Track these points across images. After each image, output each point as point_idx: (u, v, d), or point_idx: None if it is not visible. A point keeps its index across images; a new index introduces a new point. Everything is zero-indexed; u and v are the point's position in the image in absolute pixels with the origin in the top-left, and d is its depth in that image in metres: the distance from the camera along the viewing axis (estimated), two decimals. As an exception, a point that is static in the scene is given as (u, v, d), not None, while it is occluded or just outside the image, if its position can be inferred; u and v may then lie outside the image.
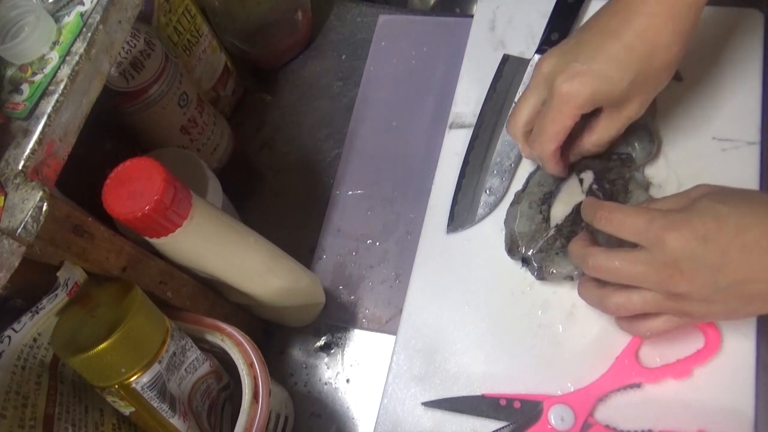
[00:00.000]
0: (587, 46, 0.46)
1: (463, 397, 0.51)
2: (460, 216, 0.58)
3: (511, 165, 0.58)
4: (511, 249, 0.55)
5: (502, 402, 0.50)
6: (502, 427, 0.50)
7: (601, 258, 0.44)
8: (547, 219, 0.54)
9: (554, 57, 0.48)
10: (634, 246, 0.43)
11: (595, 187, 0.53)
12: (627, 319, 0.47)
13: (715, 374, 0.48)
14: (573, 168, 0.54)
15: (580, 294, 0.49)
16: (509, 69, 0.62)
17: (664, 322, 0.45)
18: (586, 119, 0.49)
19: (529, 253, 0.53)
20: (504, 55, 0.63)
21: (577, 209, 0.53)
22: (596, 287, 0.46)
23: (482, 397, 0.51)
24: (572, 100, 0.46)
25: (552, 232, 0.53)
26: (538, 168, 0.57)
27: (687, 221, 0.41)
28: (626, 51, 0.44)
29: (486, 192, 0.58)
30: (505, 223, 0.56)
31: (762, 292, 0.40)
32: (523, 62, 0.62)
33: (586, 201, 0.49)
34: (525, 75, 0.61)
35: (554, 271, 0.52)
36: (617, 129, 0.49)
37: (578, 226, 0.52)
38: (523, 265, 0.54)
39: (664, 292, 0.42)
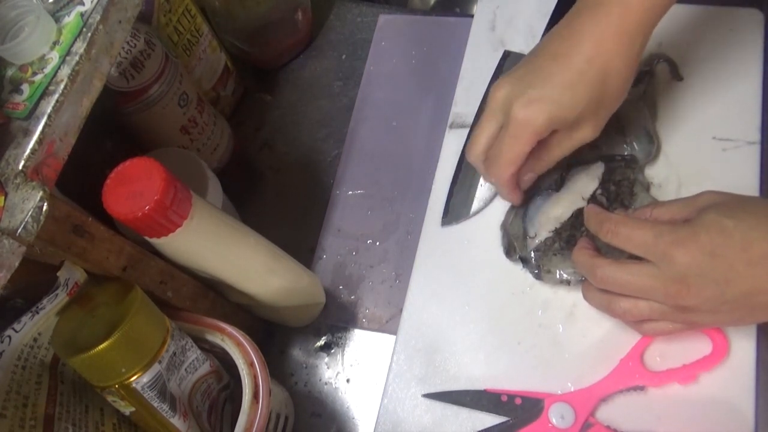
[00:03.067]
0: (540, 73, 0.45)
1: (465, 391, 0.51)
2: (456, 209, 0.58)
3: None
4: (509, 251, 0.55)
5: (504, 398, 0.50)
6: (502, 423, 0.50)
7: (609, 270, 0.44)
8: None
9: (508, 84, 0.47)
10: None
11: (599, 191, 0.53)
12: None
13: (720, 380, 0.48)
14: (570, 168, 0.54)
15: (585, 297, 0.49)
16: (510, 65, 0.62)
17: (669, 324, 0.45)
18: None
19: (528, 254, 0.53)
20: (505, 51, 0.63)
21: (576, 214, 0.53)
22: (602, 291, 0.47)
23: (484, 392, 0.51)
24: (529, 127, 0.45)
25: (550, 234, 0.53)
26: None
27: (694, 236, 0.41)
28: (578, 77, 0.44)
29: (482, 186, 0.58)
30: (501, 226, 0.56)
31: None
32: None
33: (590, 210, 0.48)
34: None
35: (551, 270, 0.52)
36: (568, 149, 0.49)
37: (577, 230, 0.52)
38: (523, 266, 0.54)
39: (672, 304, 0.42)
